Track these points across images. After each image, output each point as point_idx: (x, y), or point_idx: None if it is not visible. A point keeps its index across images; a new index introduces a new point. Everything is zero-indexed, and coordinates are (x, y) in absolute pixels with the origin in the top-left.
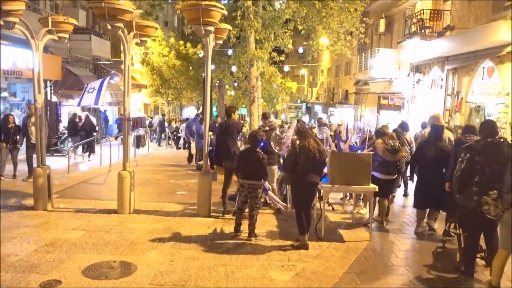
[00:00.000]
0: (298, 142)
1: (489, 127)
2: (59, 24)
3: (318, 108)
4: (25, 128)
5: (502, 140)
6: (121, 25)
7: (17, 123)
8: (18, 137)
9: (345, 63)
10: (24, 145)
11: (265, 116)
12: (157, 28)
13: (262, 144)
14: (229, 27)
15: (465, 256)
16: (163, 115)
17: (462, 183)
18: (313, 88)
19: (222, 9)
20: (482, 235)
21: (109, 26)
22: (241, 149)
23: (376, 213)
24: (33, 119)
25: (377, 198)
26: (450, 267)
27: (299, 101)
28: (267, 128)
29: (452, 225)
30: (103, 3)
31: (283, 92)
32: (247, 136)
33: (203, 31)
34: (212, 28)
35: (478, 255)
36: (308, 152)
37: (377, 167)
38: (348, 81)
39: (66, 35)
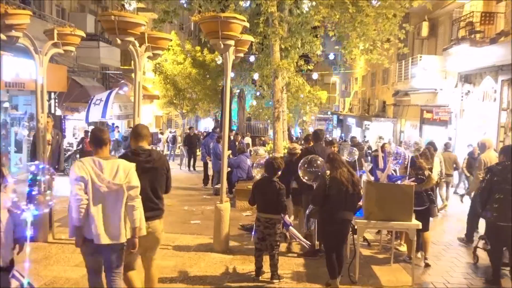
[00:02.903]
0: (328, 172)
1: (508, 152)
2: (65, 37)
3: (351, 121)
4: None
5: None
6: (132, 39)
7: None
8: None
9: (382, 70)
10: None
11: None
12: (171, 40)
13: (279, 173)
14: (251, 38)
15: (492, 267)
16: (174, 130)
17: (483, 200)
18: (346, 98)
19: (244, 21)
20: None
21: (118, 41)
22: (256, 178)
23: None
24: (48, 136)
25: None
26: None
27: (329, 113)
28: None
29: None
30: (112, 16)
31: (311, 103)
32: (264, 163)
33: (222, 46)
34: (232, 42)
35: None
36: (339, 185)
37: None
38: (386, 91)
39: (73, 48)
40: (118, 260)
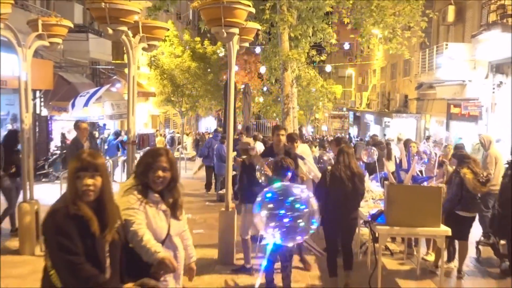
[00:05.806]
0: (329, 167)
1: None
2: (50, 28)
3: (369, 118)
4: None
5: None
6: (125, 28)
7: None
8: None
9: (403, 61)
10: None
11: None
12: (168, 29)
13: (290, 175)
14: (257, 26)
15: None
16: (172, 131)
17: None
18: (363, 93)
19: (249, 6)
20: None
21: (110, 31)
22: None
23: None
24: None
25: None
26: None
27: (345, 109)
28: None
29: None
30: (103, 4)
31: (325, 98)
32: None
33: (225, 34)
34: (236, 30)
35: None
36: (339, 182)
37: (460, 203)
38: (408, 84)
39: (59, 40)
40: None
